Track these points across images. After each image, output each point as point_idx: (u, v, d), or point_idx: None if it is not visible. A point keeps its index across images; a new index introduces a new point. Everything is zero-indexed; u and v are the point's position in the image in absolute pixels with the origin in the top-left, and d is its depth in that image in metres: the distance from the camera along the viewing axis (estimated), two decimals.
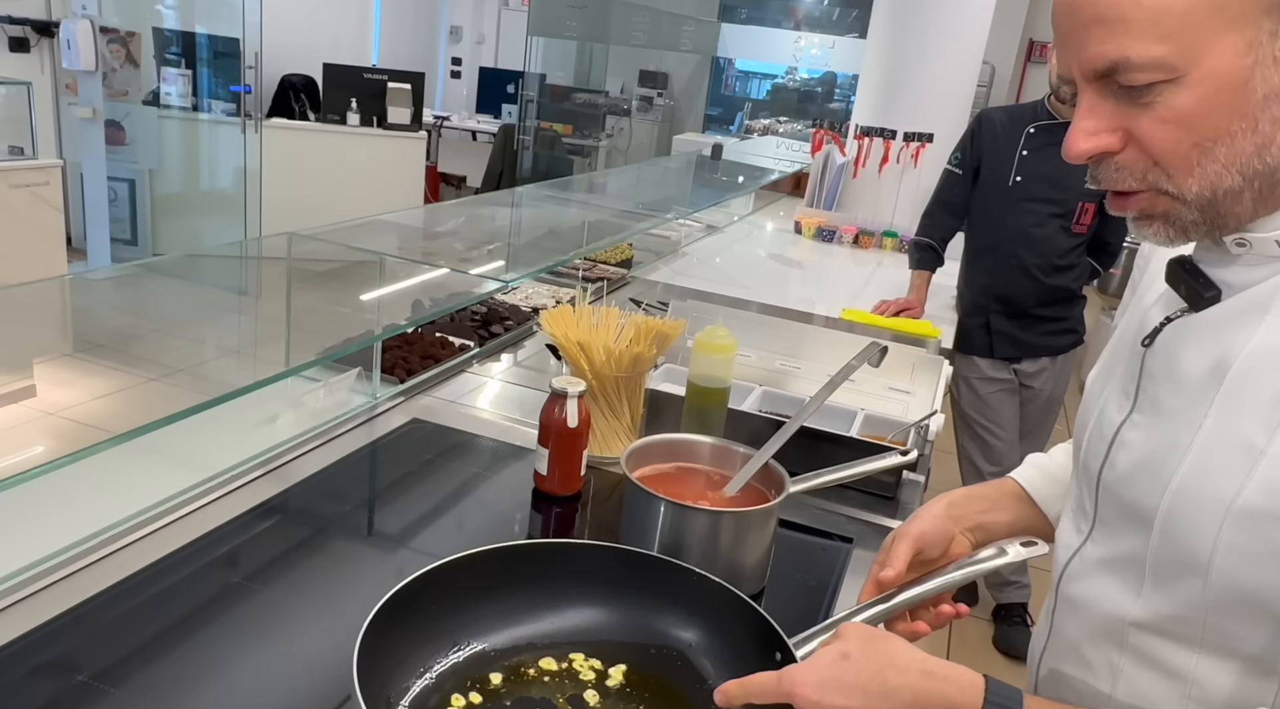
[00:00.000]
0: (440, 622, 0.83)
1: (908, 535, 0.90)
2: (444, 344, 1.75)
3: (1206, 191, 0.64)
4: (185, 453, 1.30)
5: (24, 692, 0.84)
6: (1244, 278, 0.68)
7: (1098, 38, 0.61)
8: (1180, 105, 0.61)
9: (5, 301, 1.55)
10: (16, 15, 4.70)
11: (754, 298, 2.45)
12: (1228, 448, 0.67)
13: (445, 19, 8.78)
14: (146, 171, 5.20)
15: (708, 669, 0.87)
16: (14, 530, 1.02)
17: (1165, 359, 0.72)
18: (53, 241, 3.20)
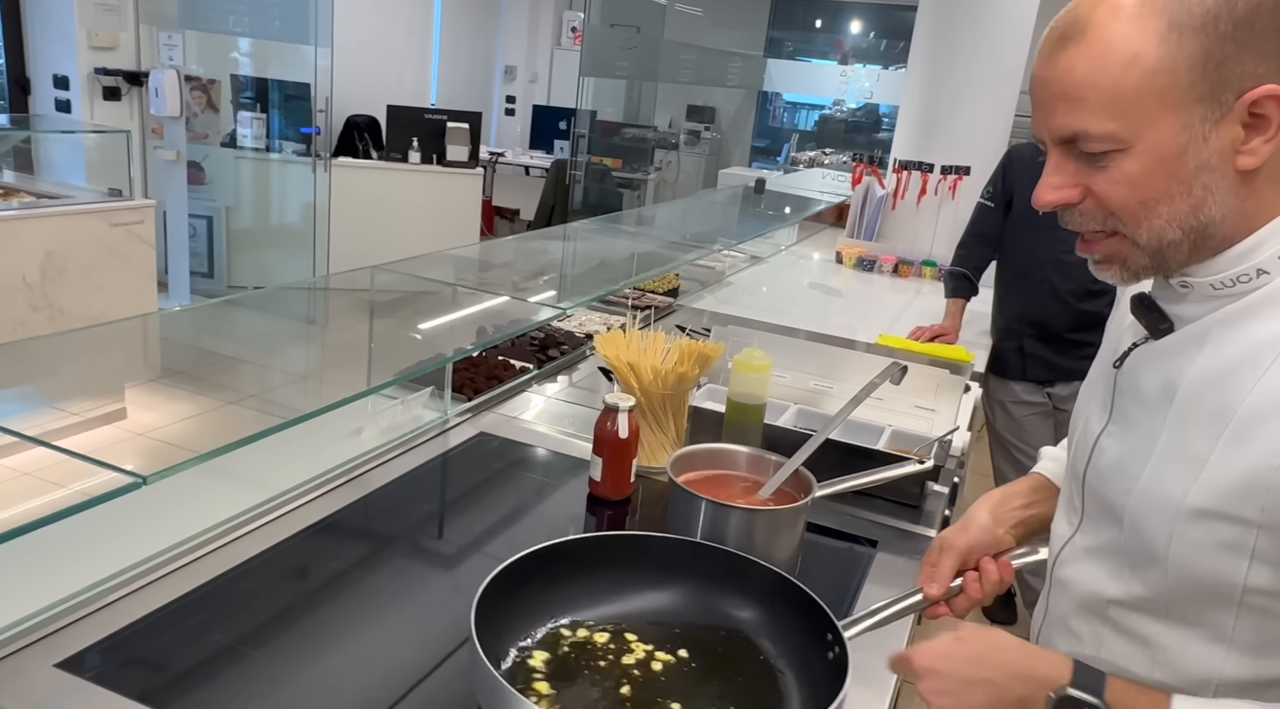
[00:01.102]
0: (538, 597, 0.99)
1: (954, 549, 1.01)
2: (506, 366, 1.92)
3: (1154, 241, 0.77)
4: (285, 460, 1.48)
5: (170, 651, 1.01)
6: (1190, 312, 0.81)
7: (1062, 111, 0.75)
8: (1129, 170, 0.75)
9: (101, 333, 1.77)
10: (111, 67, 5.07)
11: (795, 324, 2.59)
12: (1177, 457, 0.79)
13: (500, 59, 9.12)
14: (223, 208, 5.53)
15: (766, 647, 1.01)
16: (152, 523, 1.20)
17: (1131, 379, 0.86)
18: (145, 275, 3.47)
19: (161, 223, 5.29)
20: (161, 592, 1.09)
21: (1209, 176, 0.74)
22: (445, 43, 8.27)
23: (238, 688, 0.96)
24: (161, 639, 1.02)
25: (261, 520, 1.28)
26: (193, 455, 1.00)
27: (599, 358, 1.56)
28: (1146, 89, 0.72)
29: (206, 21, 5.22)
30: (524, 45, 9.08)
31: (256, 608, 1.11)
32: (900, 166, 3.58)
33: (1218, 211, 0.76)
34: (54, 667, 0.94)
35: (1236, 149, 0.73)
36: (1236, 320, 0.78)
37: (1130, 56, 0.71)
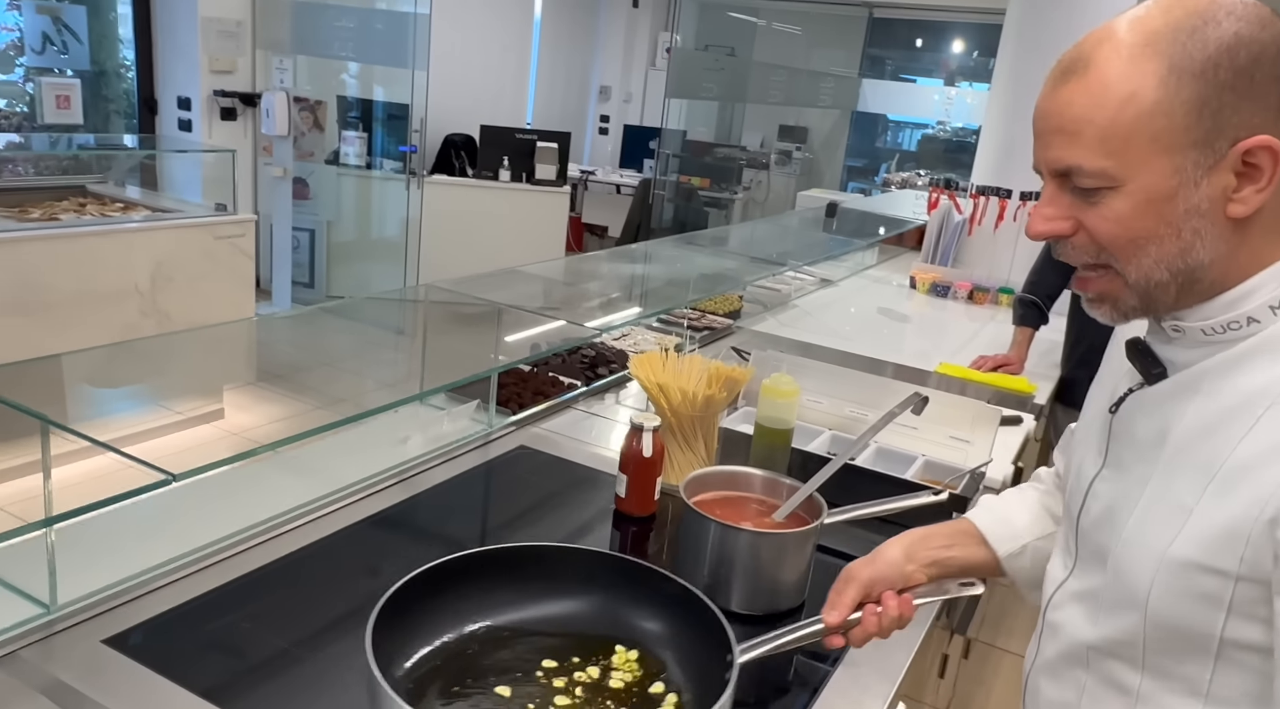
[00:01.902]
0: (443, 608, 1.03)
1: (857, 581, 1.01)
2: (555, 382, 2.00)
3: (1143, 281, 0.78)
4: (340, 462, 1.59)
5: (206, 635, 1.11)
6: (1182, 358, 0.81)
7: (1059, 144, 0.76)
8: (1119, 208, 0.76)
9: (203, 338, 1.92)
10: (228, 89, 5.44)
11: (855, 349, 2.58)
12: (1165, 505, 0.79)
13: (596, 79, 9.32)
14: (325, 222, 5.83)
15: (666, 658, 1.04)
16: (219, 513, 1.32)
17: (1126, 425, 0.86)
18: (245, 286, 3.71)
19: (268, 235, 5.63)
20: (209, 578, 1.20)
21: (1198, 221, 0.75)
22: (543, 63, 8.51)
23: (266, 674, 1.05)
24: (201, 623, 1.12)
25: (316, 514, 1.39)
26: (231, 454, 1.10)
27: (632, 376, 1.61)
28: (1141, 129, 0.73)
29: (316, 46, 5.54)
30: (619, 65, 9.26)
31: (294, 599, 1.20)
32: (978, 192, 3.52)
33: (1206, 256, 0.76)
34: (101, 642, 1.05)
35: (1228, 197, 0.74)
36: (1228, 369, 0.78)
37: (1127, 96, 0.73)
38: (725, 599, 1.25)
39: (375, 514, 1.43)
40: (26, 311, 3.05)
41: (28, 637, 1.05)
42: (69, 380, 1.80)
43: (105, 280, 3.28)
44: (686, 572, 1.28)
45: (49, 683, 0.98)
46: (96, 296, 3.23)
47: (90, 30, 5.60)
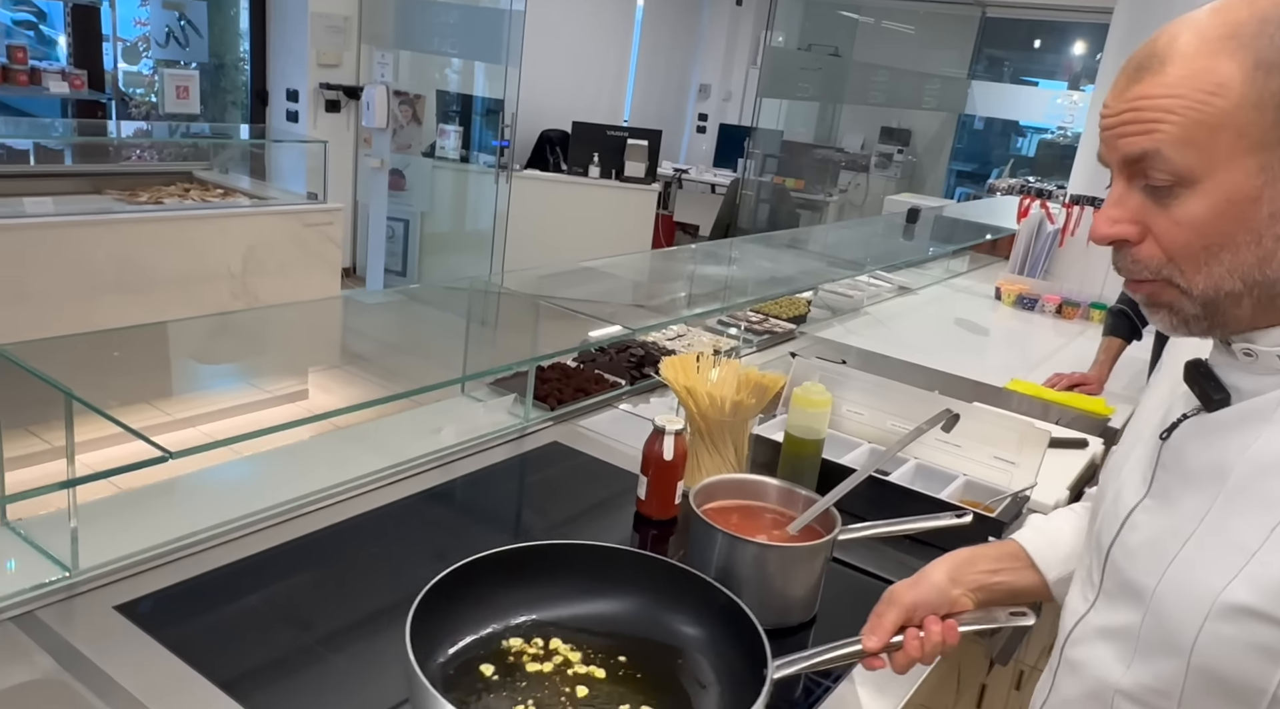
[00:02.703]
0: (479, 603, 1.04)
1: (899, 604, 0.97)
2: (599, 380, 2.00)
3: (1210, 291, 0.71)
4: (372, 449, 1.62)
5: (210, 610, 1.15)
6: (1252, 385, 0.74)
7: (1136, 131, 0.70)
8: (1194, 210, 0.69)
9: (293, 317, 1.99)
10: (333, 83, 5.65)
11: (921, 362, 2.49)
12: (1221, 544, 0.73)
13: (696, 77, 9.29)
14: (419, 213, 6.00)
15: (702, 665, 1.02)
16: (282, 484, 1.37)
17: (1178, 453, 0.79)
18: (332, 272, 3.85)
19: (366, 224, 5.83)
20: (226, 553, 1.24)
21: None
22: (642, 61, 8.54)
23: (269, 652, 1.08)
24: (210, 597, 1.16)
25: (362, 490, 1.43)
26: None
27: (663, 378, 1.59)
28: (1228, 122, 0.67)
29: (416, 41, 5.70)
30: (720, 64, 9.20)
31: (303, 581, 1.23)
32: (1071, 201, 3.34)
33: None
34: (113, 608, 1.10)
35: None
36: None
37: (1213, 87, 0.67)
38: None
39: (394, 502, 1.45)
40: (128, 290, 3.24)
41: (47, 598, 1.10)
42: (174, 354, 1.90)
43: (201, 262, 3.46)
44: None
45: (57, 644, 1.03)
46: (192, 278, 3.40)
47: (211, 25, 5.92)
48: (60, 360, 1.30)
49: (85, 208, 3.43)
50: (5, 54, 4.53)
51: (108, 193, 3.77)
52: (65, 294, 3.06)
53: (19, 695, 0.95)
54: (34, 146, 4.57)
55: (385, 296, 3.26)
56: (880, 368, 2.44)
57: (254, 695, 0.98)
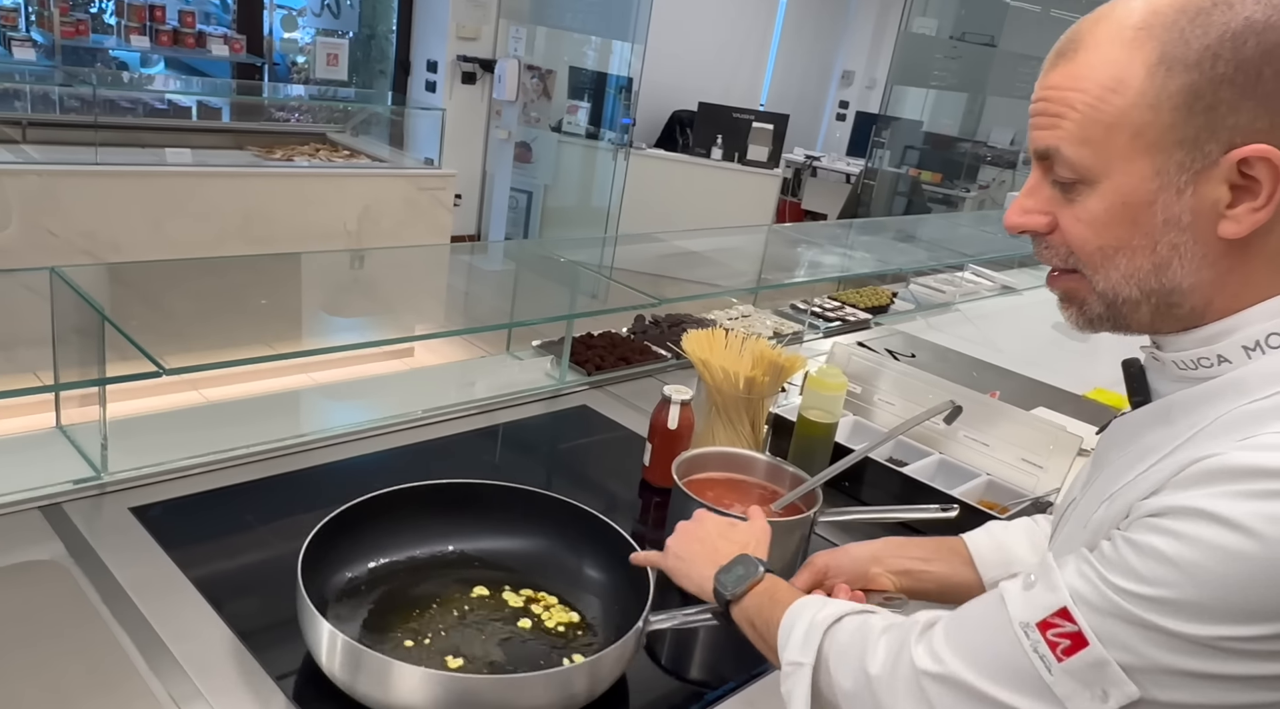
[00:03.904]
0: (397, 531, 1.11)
1: (813, 566, 1.00)
2: (644, 350, 2.02)
3: (1109, 292, 0.70)
4: (419, 391, 1.71)
5: (215, 522, 1.25)
6: (1164, 388, 0.73)
7: (1044, 124, 0.69)
8: (1092, 209, 0.68)
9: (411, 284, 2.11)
10: (470, 55, 5.86)
11: (1002, 364, 2.38)
12: (1064, 537, 0.76)
13: (840, 63, 9.07)
14: (542, 186, 6.16)
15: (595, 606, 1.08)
16: (304, 418, 1.48)
17: (1103, 450, 0.79)
18: (441, 235, 4.02)
19: (491, 193, 6.03)
20: (244, 472, 1.34)
21: (1178, 235, 0.66)
22: (784, 44, 8.41)
23: (252, 566, 1.17)
24: (216, 508, 1.26)
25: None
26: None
27: (683, 349, 1.59)
28: (1123, 121, 0.65)
29: (551, 17, 5.83)
30: (866, 50, 8.94)
31: (300, 506, 1.32)
32: None
33: (1185, 278, 0.67)
34: (128, 509, 1.21)
35: (1220, 212, 0.64)
36: (1189, 406, 0.69)
37: (1113, 82, 0.65)
38: None
39: (409, 444, 1.52)
40: (252, 240, 3.50)
41: (76, 494, 1.23)
42: (306, 309, 2.05)
43: (320, 219, 3.69)
44: None
45: (71, 533, 1.15)
46: (311, 233, 3.63)
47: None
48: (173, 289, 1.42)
49: (218, 160, 3.72)
50: (177, 18, 4.93)
51: (248, 149, 4.07)
52: (196, 240, 3.34)
53: (24, 571, 1.07)
54: (196, 103, 4.97)
55: (469, 254, 3.39)
56: (951, 365, 2.34)
57: (229, 603, 1.06)
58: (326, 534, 1.03)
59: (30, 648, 0.94)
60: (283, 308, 1.84)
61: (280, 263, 2.47)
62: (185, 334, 1.72)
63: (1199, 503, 0.58)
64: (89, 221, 3.17)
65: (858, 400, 1.73)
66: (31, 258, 3.03)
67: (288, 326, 2.12)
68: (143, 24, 4.73)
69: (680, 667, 1.13)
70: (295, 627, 0.96)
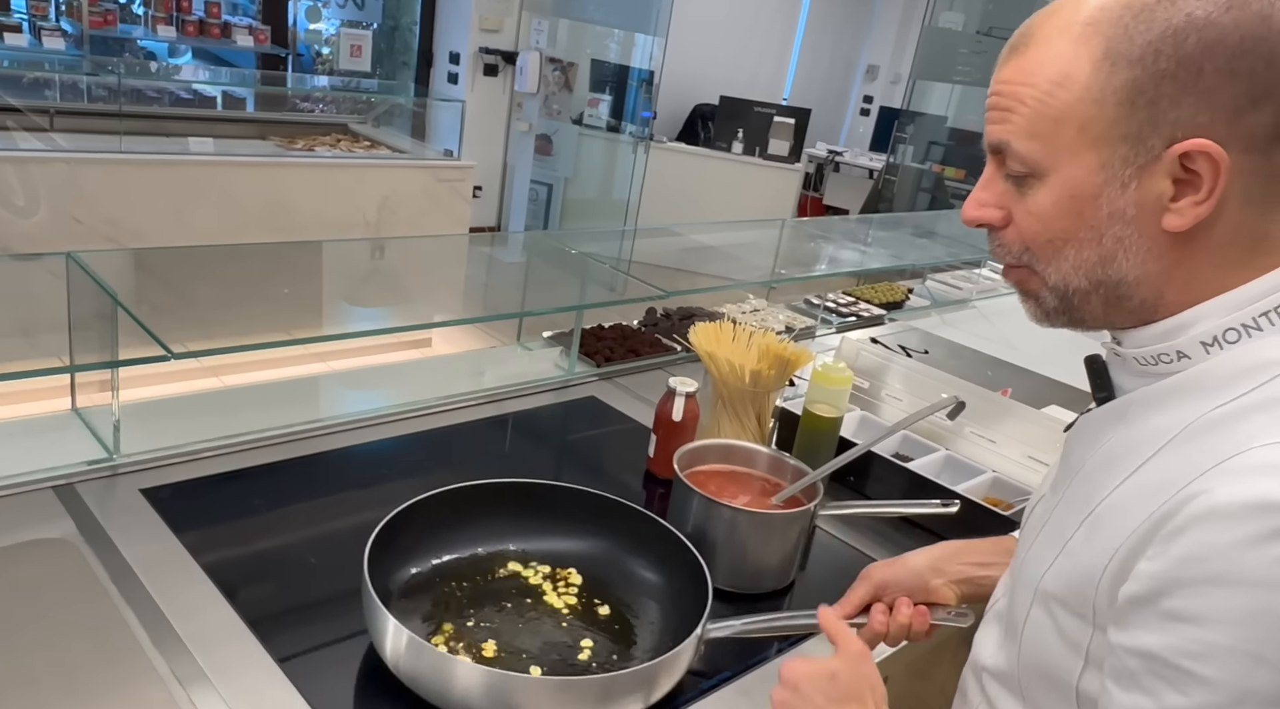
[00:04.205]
0: (452, 529, 1.12)
1: (870, 580, 0.98)
2: (653, 343, 2.02)
3: (1061, 285, 0.71)
4: (428, 379, 1.73)
5: (224, 505, 1.27)
6: (1126, 384, 0.74)
7: (994, 120, 0.71)
8: (1041, 202, 0.69)
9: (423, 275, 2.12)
10: (492, 46, 5.88)
11: (1016, 361, 2.37)
12: (1051, 534, 0.76)
13: (864, 58, 9.01)
14: (563, 179, 6.17)
15: (653, 612, 1.09)
16: (316, 405, 1.50)
17: (1068, 448, 0.81)
18: (459, 226, 4.04)
19: (512, 185, 6.05)
20: (255, 456, 1.37)
21: (1122, 228, 0.67)
22: (808, 37, 8.36)
23: (259, 549, 1.19)
24: (226, 491, 1.28)
25: (432, 411, 1.55)
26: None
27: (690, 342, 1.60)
28: (1069, 116, 0.66)
29: (573, 10, 5.83)
30: (891, 44, 8.88)
31: (310, 491, 1.34)
32: None
33: (1131, 270, 0.68)
34: (139, 491, 1.24)
35: (1164, 206, 0.65)
36: (1149, 404, 0.71)
37: (1059, 77, 0.66)
38: None
39: (414, 433, 1.54)
40: (273, 229, 3.53)
41: (89, 474, 1.26)
42: (331, 295, 2.07)
43: (339, 209, 3.72)
44: None
45: (82, 512, 1.17)
46: (330, 223, 3.67)
47: None
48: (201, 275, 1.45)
49: (240, 150, 3.76)
50: (204, 8, 4.98)
51: (271, 139, 4.11)
52: (217, 228, 3.38)
53: (36, 548, 1.09)
54: (221, 94, 5.02)
55: (482, 245, 3.40)
56: (965, 362, 2.33)
57: (235, 584, 1.08)
58: (390, 529, 1.03)
59: (39, 622, 0.97)
60: (300, 296, 1.86)
61: (297, 251, 2.49)
62: (207, 320, 1.75)
63: (1207, 570, 0.59)
64: (113, 209, 3.22)
65: (865, 395, 1.73)
66: (56, 245, 3.08)
67: (305, 314, 2.14)
68: (169, 14, 4.79)
69: None
70: (300, 609, 0.98)
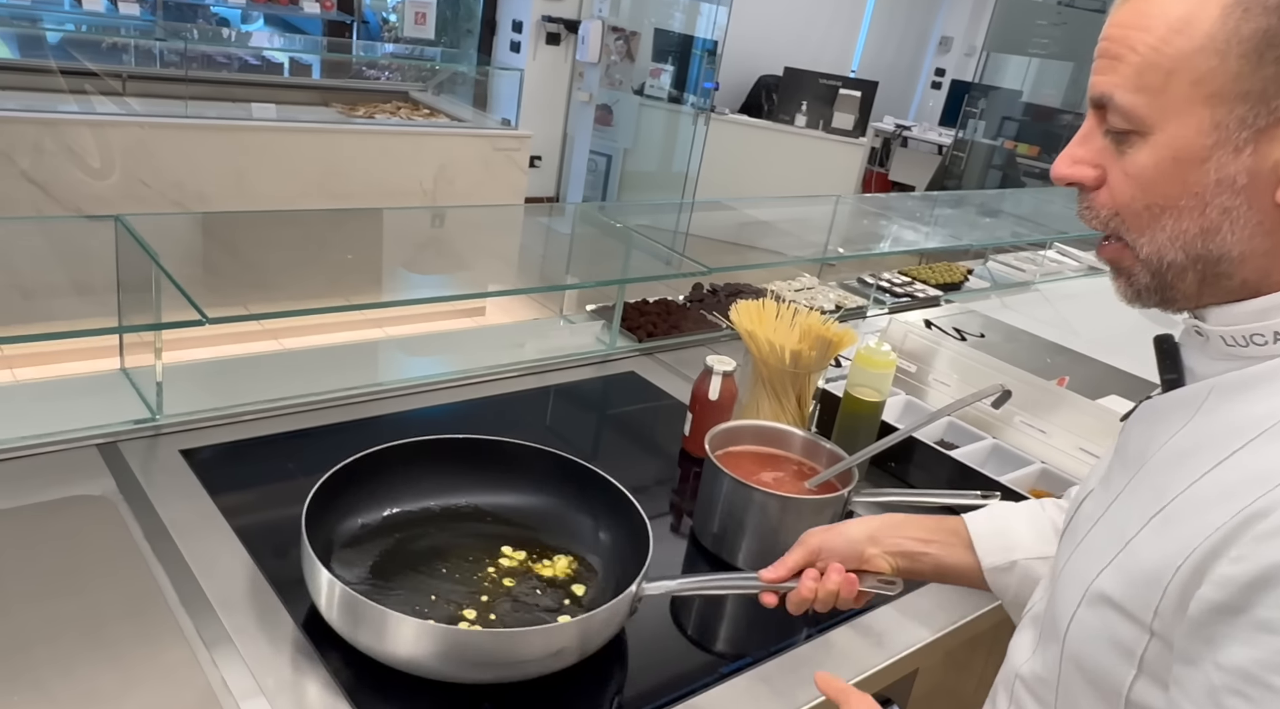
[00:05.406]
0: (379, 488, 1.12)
1: (805, 545, 0.95)
2: (698, 319, 1.99)
3: (1154, 257, 0.65)
4: (468, 350, 1.73)
5: (259, 469, 1.29)
6: (1202, 368, 0.68)
7: (1101, 68, 0.65)
8: (1141, 163, 0.63)
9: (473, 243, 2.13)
10: (554, 15, 5.84)
11: (1077, 348, 2.28)
12: (1109, 531, 0.70)
13: (938, 29, 8.73)
14: (622, 150, 6.13)
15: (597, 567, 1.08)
16: (353, 372, 1.51)
17: (1126, 438, 0.75)
18: (516, 196, 4.04)
19: (571, 156, 6.03)
20: (288, 422, 1.38)
21: (1230, 198, 0.61)
22: (879, 7, 8.13)
23: (290, 512, 1.20)
24: (260, 457, 1.30)
25: (475, 381, 1.56)
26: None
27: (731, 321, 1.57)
28: (1185, 66, 0.60)
29: None
30: (966, 15, 8.58)
31: (340, 457, 1.35)
32: None
33: (1235, 245, 0.62)
34: (179, 451, 1.26)
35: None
36: (1236, 391, 0.64)
37: (1179, 22, 0.60)
38: (732, 554, 1.22)
39: (454, 402, 1.54)
40: (331, 196, 3.58)
41: (132, 434, 1.29)
42: (386, 261, 2.09)
43: (397, 176, 3.75)
44: (700, 521, 1.26)
45: (123, 471, 1.20)
46: (387, 190, 3.70)
47: None
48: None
49: (303, 116, 3.81)
50: None
51: (334, 106, 4.15)
52: (277, 193, 3.44)
53: (76, 505, 1.12)
54: (288, 60, 5.09)
55: (536, 216, 3.40)
56: (1022, 347, 2.26)
57: (262, 547, 1.10)
58: (339, 481, 1.05)
59: (72, 577, 0.99)
60: (358, 262, 1.88)
61: (355, 218, 2.52)
62: (267, 283, 1.78)
63: None
64: (179, 172, 3.29)
65: (912, 379, 1.68)
66: (124, 207, 3.17)
67: (363, 280, 2.17)
68: None
69: (704, 636, 1.13)
70: None
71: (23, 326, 1.32)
